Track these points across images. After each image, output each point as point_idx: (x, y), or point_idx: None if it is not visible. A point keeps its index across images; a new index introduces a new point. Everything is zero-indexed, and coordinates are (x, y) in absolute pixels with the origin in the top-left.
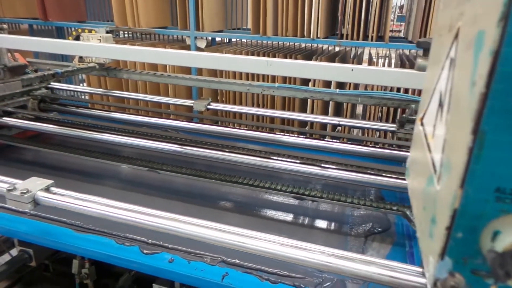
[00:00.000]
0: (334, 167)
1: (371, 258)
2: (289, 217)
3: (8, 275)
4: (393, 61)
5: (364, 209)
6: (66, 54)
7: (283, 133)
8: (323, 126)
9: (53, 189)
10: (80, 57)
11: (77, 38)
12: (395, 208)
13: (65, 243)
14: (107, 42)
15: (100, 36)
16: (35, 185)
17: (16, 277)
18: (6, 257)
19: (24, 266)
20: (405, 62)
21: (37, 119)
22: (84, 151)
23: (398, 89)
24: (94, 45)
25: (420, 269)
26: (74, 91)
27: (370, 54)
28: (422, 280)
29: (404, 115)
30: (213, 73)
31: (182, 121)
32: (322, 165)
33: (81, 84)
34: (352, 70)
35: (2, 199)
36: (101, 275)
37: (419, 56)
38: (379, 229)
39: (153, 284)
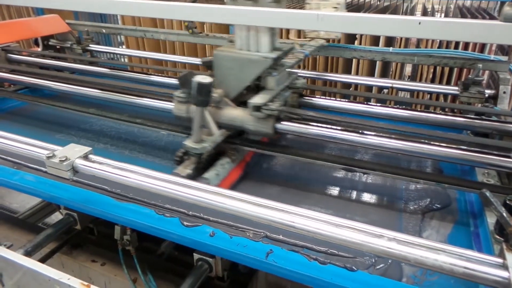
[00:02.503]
0: (387, 135)
1: (440, 245)
2: (335, 190)
3: (57, 237)
4: (450, 15)
5: (434, 185)
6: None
7: (326, 97)
8: (368, 88)
9: (91, 156)
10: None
11: (194, 1)
12: (472, 186)
13: (106, 212)
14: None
15: (338, 4)
16: (74, 152)
17: (65, 238)
18: (58, 215)
19: (70, 228)
20: (466, 15)
21: None
22: (126, 116)
23: (455, 47)
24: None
25: (500, 260)
26: (113, 53)
27: (424, 7)
28: (504, 273)
29: (470, 76)
30: None
31: None
32: (373, 133)
33: (120, 47)
34: (419, 23)
35: (44, 164)
36: (143, 239)
37: (509, 4)
38: (438, 206)
39: (194, 253)
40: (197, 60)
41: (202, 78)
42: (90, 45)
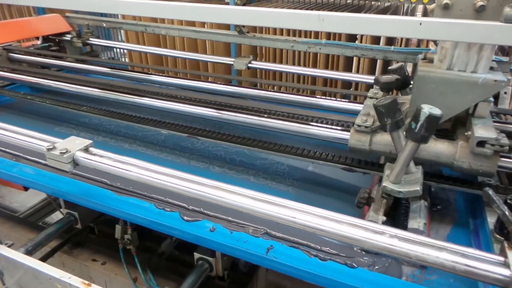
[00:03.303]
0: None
1: (442, 243)
2: (334, 189)
3: (58, 235)
4: None
5: (433, 185)
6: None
7: (328, 98)
8: (369, 87)
9: (92, 149)
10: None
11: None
12: (474, 185)
13: (106, 205)
14: None
15: None
16: (74, 145)
17: (66, 237)
18: (58, 214)
19: (71, 227)
20: None
21: None
22: (124, 116)
23: None
24: None
25: (501, 258)
26: (113, 47)
27: (425, 9)
28: (505, 271)
29: None
30: (252, 30)
31: (222, 84)
32: None
33: None
34: (420, 24)
35: (44, 157)
36: (144, 238)
37: (509, 5)
38: (438, 206)
39: (194, 253)
40: (198, 56)
41: (430, 109)
42: (91, 38)
